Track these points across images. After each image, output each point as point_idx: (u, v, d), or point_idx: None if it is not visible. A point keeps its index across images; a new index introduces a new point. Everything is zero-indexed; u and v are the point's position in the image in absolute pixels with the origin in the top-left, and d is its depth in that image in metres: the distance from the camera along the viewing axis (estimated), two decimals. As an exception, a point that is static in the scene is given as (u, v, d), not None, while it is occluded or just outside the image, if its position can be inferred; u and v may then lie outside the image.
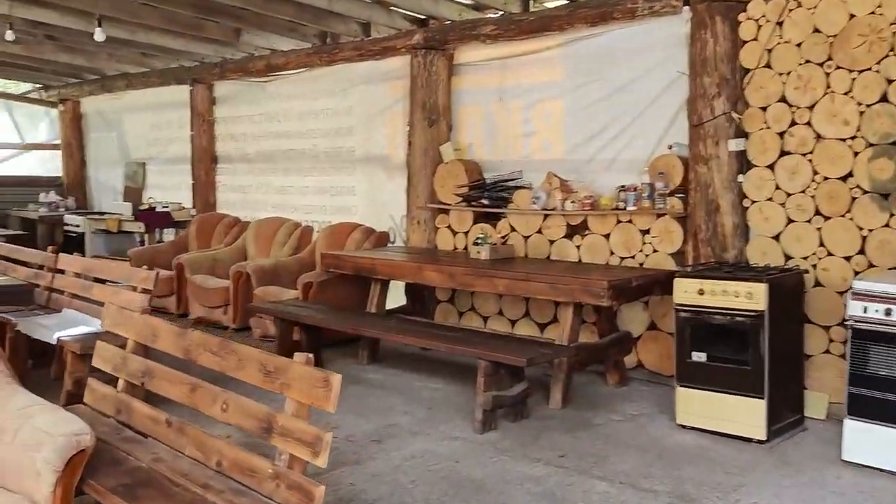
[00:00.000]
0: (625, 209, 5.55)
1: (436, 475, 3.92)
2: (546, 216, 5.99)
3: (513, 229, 6.20)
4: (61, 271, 5.75)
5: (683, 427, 4.54)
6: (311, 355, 2.48)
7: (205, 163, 9.13)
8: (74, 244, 9.76)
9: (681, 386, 4.52)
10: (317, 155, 8.02)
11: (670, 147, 5.42)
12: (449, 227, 6.61)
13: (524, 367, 4.55)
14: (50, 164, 11.52)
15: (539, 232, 6.06)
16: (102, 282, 5.70)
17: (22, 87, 11.82)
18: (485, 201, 6.37)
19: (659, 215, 5.41)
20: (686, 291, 4.46)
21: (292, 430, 2.40)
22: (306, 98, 8.05)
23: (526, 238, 6.13)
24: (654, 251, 5.46)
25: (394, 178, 7.25)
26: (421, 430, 4.60)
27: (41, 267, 6.02)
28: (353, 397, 5.23)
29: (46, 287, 5.86)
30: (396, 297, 6.61)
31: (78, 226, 9.71)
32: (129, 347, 3.22)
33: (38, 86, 11.22)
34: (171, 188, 9.76)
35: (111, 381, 3.30)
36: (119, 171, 10.61)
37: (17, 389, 2.81)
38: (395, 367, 6.05)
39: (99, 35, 5.88)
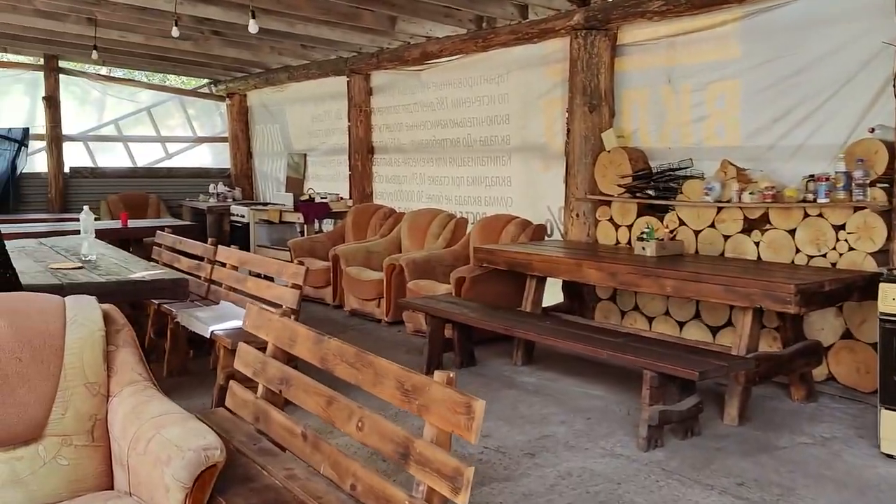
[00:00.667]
0: (814, 201, 4.89)
1: (595, 499, 3.53)
2: (720, 209, 5.41)
3: (682, 223, 5.66)
4: (221, 263, 5.81)
5: (889, 457, 3.89)
6: (451, 374, 2.17)
7: (361, 153, 9.11)
8: (240, 234, 10.07)
9: (886, 408, 3.87)
10: (471, 144, 7.76)
11: (872, 130, 4.70)
12: (610, 220, 6.15)
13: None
14: (221, 157, 11.97)
15: (712, 226, 5.48)
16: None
17: (194, 83, 12.37)
18: (650, 192, 5.86)
19: (857, 209, 4.71)
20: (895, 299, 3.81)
21: (430, 460, 2.11)
22: (461, 86, 7.80)
23: (697, 233, 5.57)
24: (850, 249, 4.76)
25: (551, 168, 6.86)
26: (578, 443, 4.23)
27: (202, 258, 6.12)
28: (505, 403, 4.92)
29: (206, 279, 5.95)
30: (554, 292, 6.24)
31: (243, 216, 9.99)
32: (268, 351, 3.06)
33: (209, 81, 11.68)
34: (329, 179, 9.85)
35: (254, 385, 3.16)
36: (282, 162, 10.86)
37: (153, 396, 2.70)
38: (552, 369, 5.68)
39: (252, 27, 5.87)
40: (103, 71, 10.90)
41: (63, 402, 2.65)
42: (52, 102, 10.28)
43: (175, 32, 6.49)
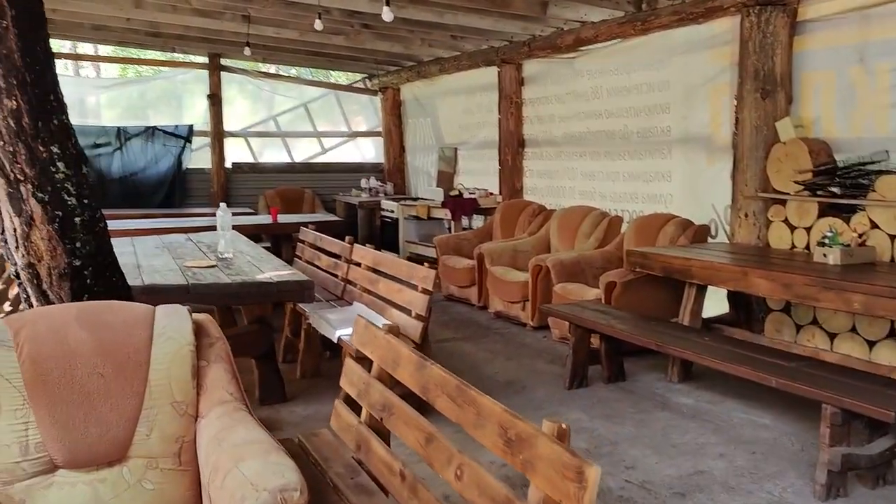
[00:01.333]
0: None
1: (756, 560, 2.96)
2: (923, 210, 4.57)
3: (874, 226, 4.83)
4: (357, 263, 5.60)
5: None
6: (563, 425, 1.74)
7: (512, 147, 8.70)
8: (390, 230, 9.96)
9: None
10: (628, 136, 7.16)
11: None
12: (785, 221, 5.38)
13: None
14: (375, 151, 11.96)
15: (912, 230, 4.65)
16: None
17: (349, 77, 12.43)
18: (835, 190, 5.06)
19: None
20: None
21: (536, 533, 1.69)
22: (617, 73, 7.21)
23: (893, 238, 4.74)
24: None
25: (716, 162, 6.15)
26: (740, 484, 3.63)
27: (339, 257, 5.95)
28: (655, 427, 4.37)
29: (342, 278, 5.77)
30: (717, 300, 5.57)
31: (392, 211, 9.86)
32: (373, 371, 2.72)
33: (364, 76, 11.68)
34: (480, 174, 9.52)
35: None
36: (433, 157, 10.65)
37: (240, 420, 2.44)
38: (713, 389, 5.05)
39: (387, 15, 5.61)
40: (262, 68, 11.10)
41: (148, 422, 2.44)
42: (215, 100, 10.60)
43: (318, 25, 6.35)
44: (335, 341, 4.56)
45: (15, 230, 2.87)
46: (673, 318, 5.28)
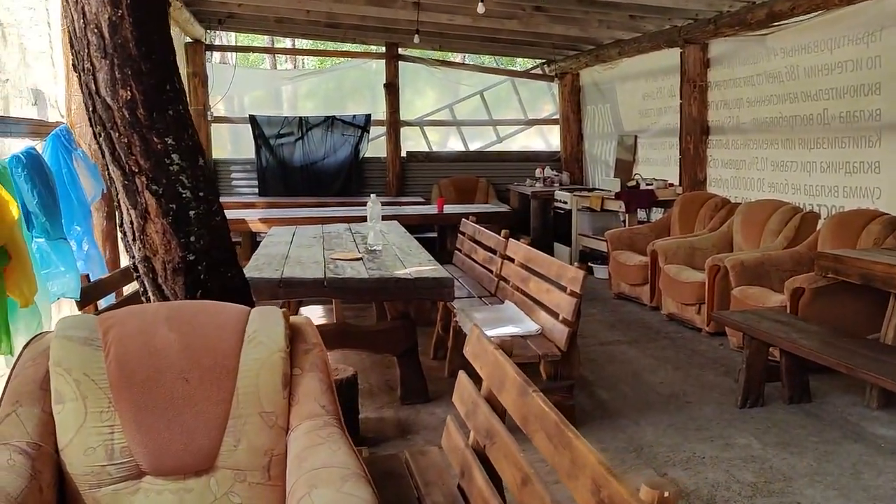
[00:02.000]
0: None
1: None
2: None
3: None
4: (511, 259, 5.30)
5: None
6: (667, 494, 1.34)
7: (694, 135, 8.01)
8: (563, 222, 9.56)
9: None
10: (828, 122, 6.30)
11: None
12: None
13: None
14: (553, 140, 11.58)
15: None
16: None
17: (524, 64, 12.10)
18: None
19: None
20: None
21: None
22: (816, 50, 6.36)
23: None
24: None
25: (937, 151, 5.25)
26: (944, 546, 2.97)
27: (495, 251, 5.67)
28: (843, 463, 3.74)
29: (497, 274, 5.49)
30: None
31: (565, 202, 9.45)
32: (483, 389, 2.41)
33: (541, 62, 11.30)
34: (661, 163, 8.88)
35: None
36: (611, 145, 10.10)
37: (328, 437, 2.21)
38: (918, 419, 4.28)
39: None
40: (439, 56, 11.02)
41: (235, 432, 2.28)
42: (391, 89, 10.65)
43: (480, 9, 6.09)
44: (477, 343, 4.28)
45: (132, 223, 2.82)
46: (872, 335, 4.53)
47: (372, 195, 5.27)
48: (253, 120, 10.44)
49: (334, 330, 4.52)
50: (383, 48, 10.63)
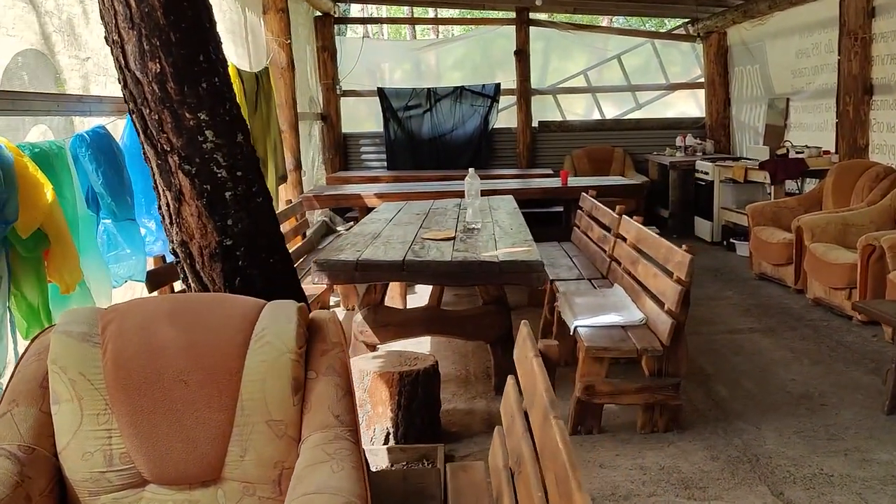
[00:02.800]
0: None
1: None
2: None
3: None
4: (624, 238, 4.82)
5: None
6: None
7: (855, 95, 7.06)
8: (704, 194, 8.83)
9: None
10: None
11: None
12: None
13: None
14: (696, 105, 10.74)
15: None
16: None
17: (670, 24, 11.27)
18: None
19: None
20: None
21: None
22: None
23: None
24: None
25: None
26: None
27: (609, 229, 5.20)
28: None
29: (609, 254, 5.03)
30: None
31: (706, 173, 8.71)
32: (524, 402, 2.04)
33: (685, 21, 10.46)
34: (816, 129, 7.96)
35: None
36: (761, 110, 9.20)
37: (334, 453, 1.93)
38: None
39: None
40: (574, 20, 10.44)
41: (241, 442, 2.05)
42: (521, 56, 10.19)
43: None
44: (570, 331, 3.88)
45: (168, 205, 2.65)
46: None
47: (470, 170, 4.92)
48: (381, 92, 10.33)
49: (421, 315, 4.25)
50: (513, 13, 10.17)
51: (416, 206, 5.99)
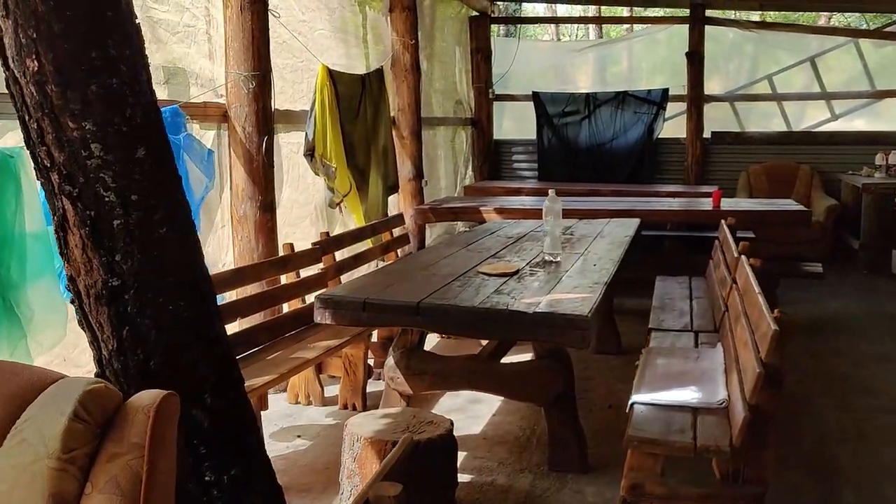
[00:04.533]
0: None
1: None
2: None
3: None
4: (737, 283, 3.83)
5: None
6: None
7: None
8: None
9: None
10: None
11: None
12: None
13: None
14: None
15: None
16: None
17: (878, 20, 9.59)
18: None
19: None
20: None
21: None
22: None
23: None
24: None
25: None
26: None
27: (731, 270, 4.20)
28: None
29: (724, 302, 4.05)
30: None
31: (908, 200, 7.21)
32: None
33: (898, 17, 8.84)
34: None
35: None
36: None
37: None
38: None
39: None
40: (756, 17, 9.13)
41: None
42: (695, 58, 9.04)
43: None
44: (628, 405, 3.02)
45: (56, 232, 2.19)
46: None
47: (550, 191, 4.12)
48: (536, 97, 9.61)
49: (462, 365, 3.55)
50: (687, 11, 9.06)
51: (519, 227, 5.28)
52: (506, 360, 3.84)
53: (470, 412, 4.18)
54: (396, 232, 6.02)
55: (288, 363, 3.58)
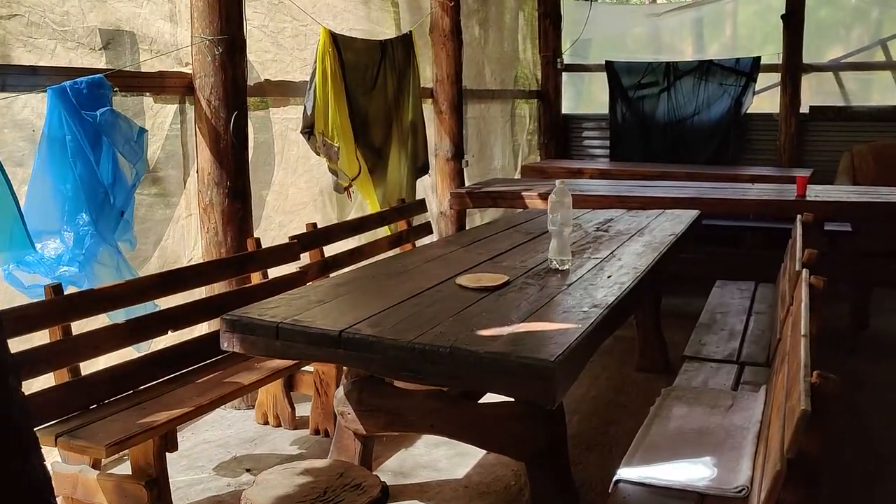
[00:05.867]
0: None
1: None
2: None
3: None
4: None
5: None
6: None
7: None
8: None
9: None
10: None
11: None
12: None
13: None
14: None
15: None
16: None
17: None
18: None
19: None
20: None
21: None
22: None
23: None
24: None
25: None
26: None
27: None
28: None
29: (780, 329, 3.15)
30: None
31: None
32: None
33: None
34: None
35: None
36: None
37: None
38: None
39: None
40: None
41: None
42: (792, 21, 7.86)
43: None
44: (611, 483, 2.23)
45: None
46: None
47: (557, 182, 3.29)
48: (609, 67, 8.64)
49: (423, 403, 2.81)
50: (784, -34, 7.88)
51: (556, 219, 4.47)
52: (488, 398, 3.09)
53: (458, 448, 3.44)
54: (418, 221, 5.31)
55: (216, 390, 2.95)
